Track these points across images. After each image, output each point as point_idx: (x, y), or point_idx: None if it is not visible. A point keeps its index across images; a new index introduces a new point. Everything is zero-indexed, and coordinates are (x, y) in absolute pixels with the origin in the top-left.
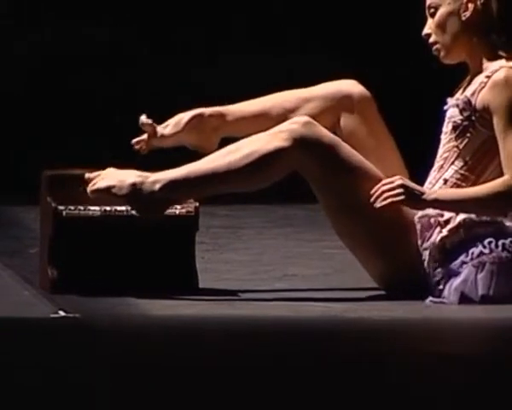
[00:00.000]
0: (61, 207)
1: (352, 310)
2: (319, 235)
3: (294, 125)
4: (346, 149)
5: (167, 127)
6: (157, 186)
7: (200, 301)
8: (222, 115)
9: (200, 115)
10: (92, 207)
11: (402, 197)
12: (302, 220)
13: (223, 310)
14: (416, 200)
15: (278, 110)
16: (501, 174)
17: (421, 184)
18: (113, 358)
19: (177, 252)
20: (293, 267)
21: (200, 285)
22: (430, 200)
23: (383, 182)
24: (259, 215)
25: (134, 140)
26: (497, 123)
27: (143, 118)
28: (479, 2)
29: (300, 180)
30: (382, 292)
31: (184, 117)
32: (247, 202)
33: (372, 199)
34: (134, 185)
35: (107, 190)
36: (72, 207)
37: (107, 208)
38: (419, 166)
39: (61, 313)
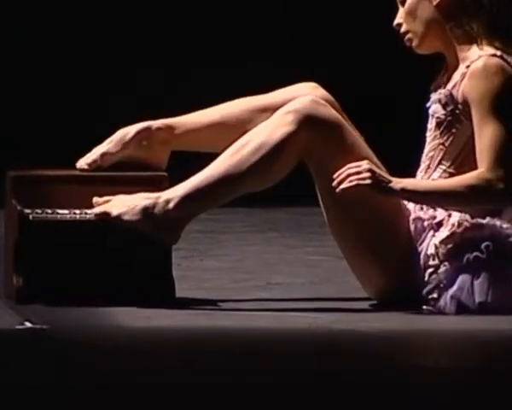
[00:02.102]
0: (27, 211)
1: (339, 321)
2: (304, 241)
3: (299, 104)
4: (352, 133)
5: (111, 143)
6: (171, 205)
7: (177, 311)
8: (171, 128)
9: (148, 129)
10: (61, 211)
11: (368, 181)
12: (286, 225)
13: (201, 321)
14: (382, 186)
15: (232, 121)
16: None
17: None
18: (83, 373)
19: (152, 259)
20: (276, 275)
21: (177, 295)
22: (397, 188)
23: (349, 165)
24: (241, 219)
25: (78, 164)
26: (475, 114)
27: (80, 164)
28: None
29: (284, 182)
30: (371, 302)
31: (130, 131)
32: (228, 205)
33: (335, 182)
34: (146, 209)
35: (119, 217)
36: (39, 211)
37: (77, 211)
38: (405, 168)
39: (28, 325)
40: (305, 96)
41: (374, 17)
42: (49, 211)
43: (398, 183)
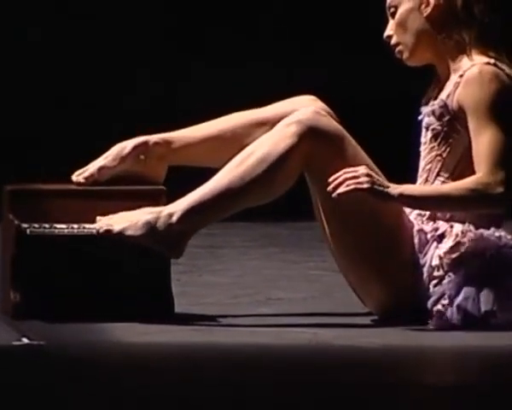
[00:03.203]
0: (25, 225)
1: (340, 337)
2: (305, 256)
3: (302, 116)
4: (353, 144)
5: (108, 158)
6: (174, 219)
7: (176, 327)
8: (168, 142)
9: (145, 143)
10: (58, 225)
11: (366, 186)
12: (286, 240)
13: (200, 337)
14: (379, 191)
15: (230, 136)
16: None
17: None
18: (81, 389)
19: (151, 274)
20: (277, 291)
21: (176, 310)
22: (395, 194)
23: (346, 170)
24: (240, 234)
25: (74, 178)
26: (471, 121)
27: (77, 178)
28: None
29: (284, 196)
30: (373, 317)
31: (127, 146)
32: (227, 220)
33: (331, 187)
34: (149, 223)
35: (121, 232)
36: (37, 225)
37: (75, 226)
38: (403, 175)
39: (25, 341)
40: (305, 107)
41: (374, 17)
42: (47, 225)
43: (396, 188)
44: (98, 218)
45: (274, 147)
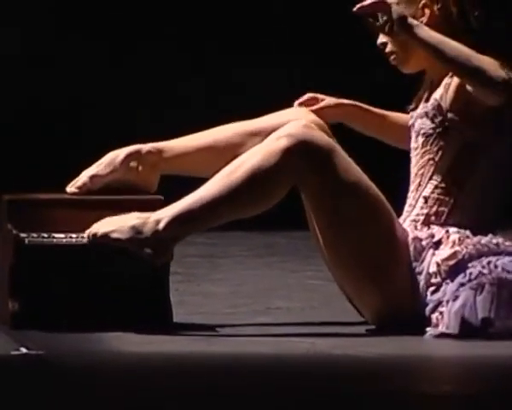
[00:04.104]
0: (23, 235)
1: (339, 346)
2: (303, 265)
3: (292, 129)
4: (345, 157)
5: (100, 166)
6: (160, 225)
7: (175, 337)
8: (161, 151)
9: (138, 152)
10: (57, 235)
11: (387, 7)
12: (284, 249)
13: (199, 347)
14: (400, 18)
15: (223, 145)
16: (482, 186)
17: (400, 210)
18: (80, 400)
19: (149, 283)
20: (276, 300)
21: (175, 320)
22: (415, 24)
23: None
24: (239, 243)
25: (68, 189)
26: None
27: (70, 189)
28: (435, 8)
29: (281, 206)
30: (371, 326)
31: (120, 154)
32: (225, 229)
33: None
34: (135, 228)
35: (107, 236)
36: (35, 235)
37: (73, 235)
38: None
39: (23, 350)
40: (297, 120)
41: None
42: (45, 235)
43: (415, 22)
44: (87, 232)
45: (264, 159)
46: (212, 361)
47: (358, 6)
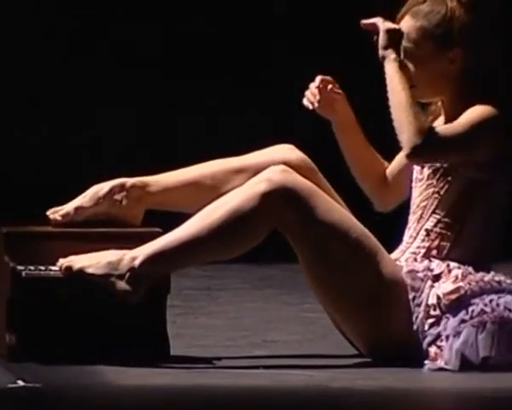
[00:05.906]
0: (20, 267)
1: (336, 379)
2: (300, 298)
3: (271, 174)
4: (325, 199)
5: (85, 198)
6: (136, 262)
7: (172, 370)
8: (145, 185)
9: (122, 185)
10: (54, 268)
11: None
12: (282, 282)
13: (196, 380)
14: (382, 46)
15: (207, 182)
16: (483, 223)
17: (398, 241)
18: None
19: (146, 316)
20: (272, 333)
21: (172, 352)
22: (390, 58)
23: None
24: (236, 276)
25: (51, 216)
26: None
27: (54, 216)
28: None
29: (279, 239)
30: (368, 359)
31: (104, 187)
32: (223, 262)
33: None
34: (111, 264)
35: (81, 270)
36: (32, 267)
37: None
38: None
39: (20, 383)
40: (278, 164)
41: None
42: (42, 268)
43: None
44: (60, 260)
45: (243, 202)
46: (209, 394)
47: (362, 21)
